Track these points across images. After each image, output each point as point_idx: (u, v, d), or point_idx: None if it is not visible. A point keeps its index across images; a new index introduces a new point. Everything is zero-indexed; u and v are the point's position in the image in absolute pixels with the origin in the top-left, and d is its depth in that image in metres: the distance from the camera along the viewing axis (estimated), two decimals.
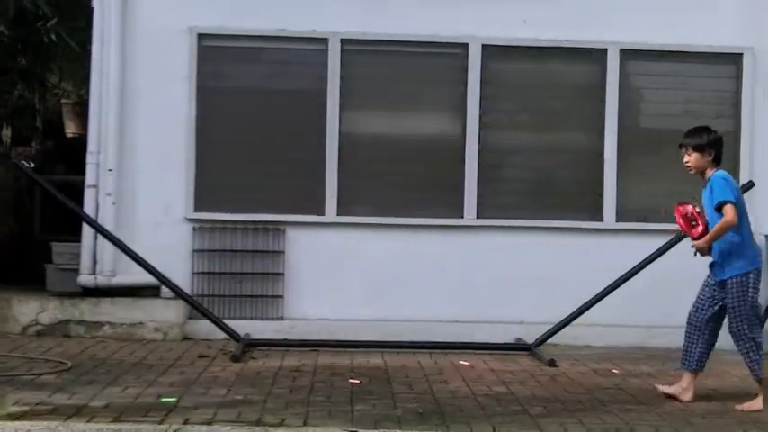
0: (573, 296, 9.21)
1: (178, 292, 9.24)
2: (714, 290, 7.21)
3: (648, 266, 9.11)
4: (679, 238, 9.08)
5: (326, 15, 9.74)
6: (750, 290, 7.08)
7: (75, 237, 9.71)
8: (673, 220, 9.65)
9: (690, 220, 7.13)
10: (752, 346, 7.08)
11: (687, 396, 7.27)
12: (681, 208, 7.19)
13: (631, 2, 9.93)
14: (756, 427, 6.57)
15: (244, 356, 8.63)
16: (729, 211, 6.94)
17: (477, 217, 9.72)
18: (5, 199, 11.32)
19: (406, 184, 9.81)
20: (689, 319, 7.30)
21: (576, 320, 9.24)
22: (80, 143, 10.47)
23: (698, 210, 7.13)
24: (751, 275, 7.08)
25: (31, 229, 11.66)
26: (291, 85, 9.90)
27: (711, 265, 7.24)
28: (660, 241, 9.19)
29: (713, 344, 7.31)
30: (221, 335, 9.20)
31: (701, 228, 7.06)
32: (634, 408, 7.00)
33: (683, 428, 6.48)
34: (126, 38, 9.66)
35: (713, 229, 7.01)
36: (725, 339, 9.22)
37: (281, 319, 9.69)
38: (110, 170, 9.59)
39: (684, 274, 9.61)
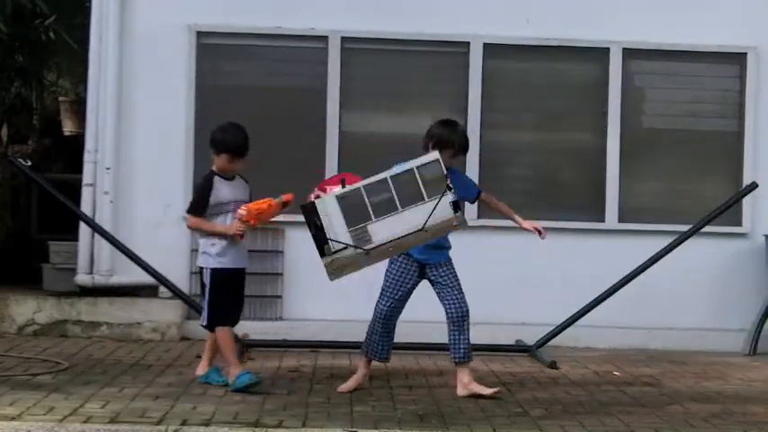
0: (574, 297, 9.15)
1: (176, 292, 9.19)
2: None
3: (650, 268, 9.04)
4: (682, 240, 9.04)
5: (326, 13, 9.69)
6: None
7: (73, 236, 9.66)
8: (674, 222, 9.65)
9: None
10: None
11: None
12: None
13: (634, 1, 9.87)
14: (757, 427, 6.52)
15: (242, 357, 8.57)
16: None
17: (479, 217, 9.63)
18: (2, 197, 11.28)
19: None
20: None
21: (578, 322, 9.18)
22: (78, 141, 10.45)
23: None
24: None
25: (27, 227, 11.63)
26: (291, 83, 9.88)
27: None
28: (662, 242, 9.14)
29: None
30: None
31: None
32: (635, 410, 6.96)
33: (683, 431, 6.43)
34: (124, 35, 9.63)
35: None
36: (722, 340, 9.19)
37: (280, 319, 9.65)
38: (107, 168, 9.56)
39: (686, 275, 9.67)
